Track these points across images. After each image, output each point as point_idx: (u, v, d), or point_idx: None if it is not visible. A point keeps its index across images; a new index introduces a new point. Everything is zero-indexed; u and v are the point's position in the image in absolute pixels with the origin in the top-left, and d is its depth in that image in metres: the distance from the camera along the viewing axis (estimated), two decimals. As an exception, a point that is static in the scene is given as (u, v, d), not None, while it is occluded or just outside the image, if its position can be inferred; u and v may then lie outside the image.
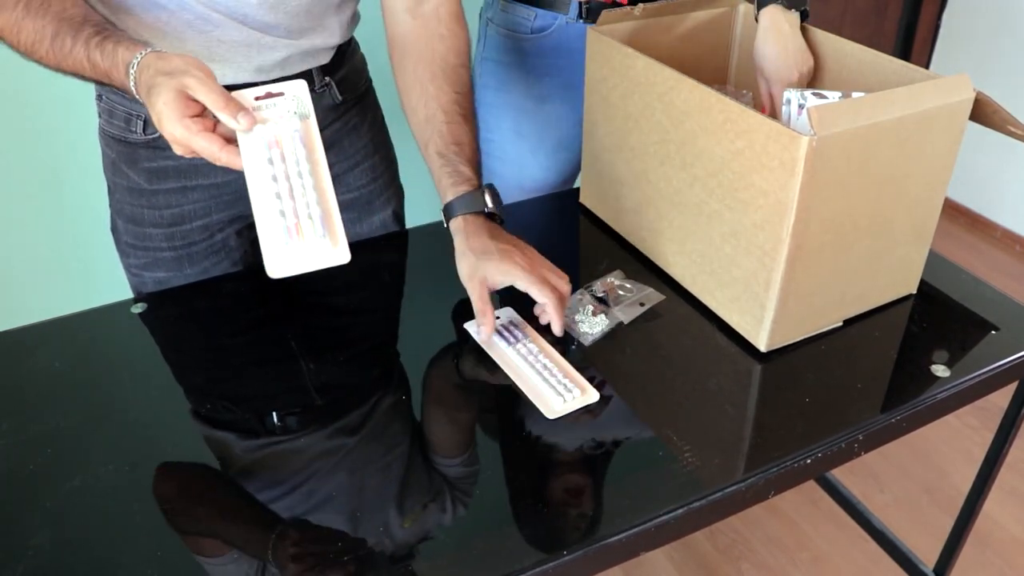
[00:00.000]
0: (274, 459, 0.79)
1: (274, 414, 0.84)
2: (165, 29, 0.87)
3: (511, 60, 1.30)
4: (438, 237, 1.14)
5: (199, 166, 1.00)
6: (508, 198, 1.31)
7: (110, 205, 1.06)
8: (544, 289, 0.87)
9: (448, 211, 0.93)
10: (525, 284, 0.87)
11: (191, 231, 1.04)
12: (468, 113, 0.97)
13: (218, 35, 0.89)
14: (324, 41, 0.98)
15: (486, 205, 0.92)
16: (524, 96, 1.31)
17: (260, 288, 1.05)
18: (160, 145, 0.98)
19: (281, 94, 0.77)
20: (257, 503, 0.75)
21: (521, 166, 1.36)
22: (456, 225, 0.92)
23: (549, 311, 0.89)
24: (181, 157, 0.94)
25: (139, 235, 1.04)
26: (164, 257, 1.04)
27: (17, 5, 0.78)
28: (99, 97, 0.99)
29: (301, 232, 0.72)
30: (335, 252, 0.73)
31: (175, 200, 1.02)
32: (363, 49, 1.14)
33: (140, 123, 0.96)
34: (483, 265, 0.88)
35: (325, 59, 1.01)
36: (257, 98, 0.76)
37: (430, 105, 0.95)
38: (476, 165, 0.95)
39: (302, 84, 0.79)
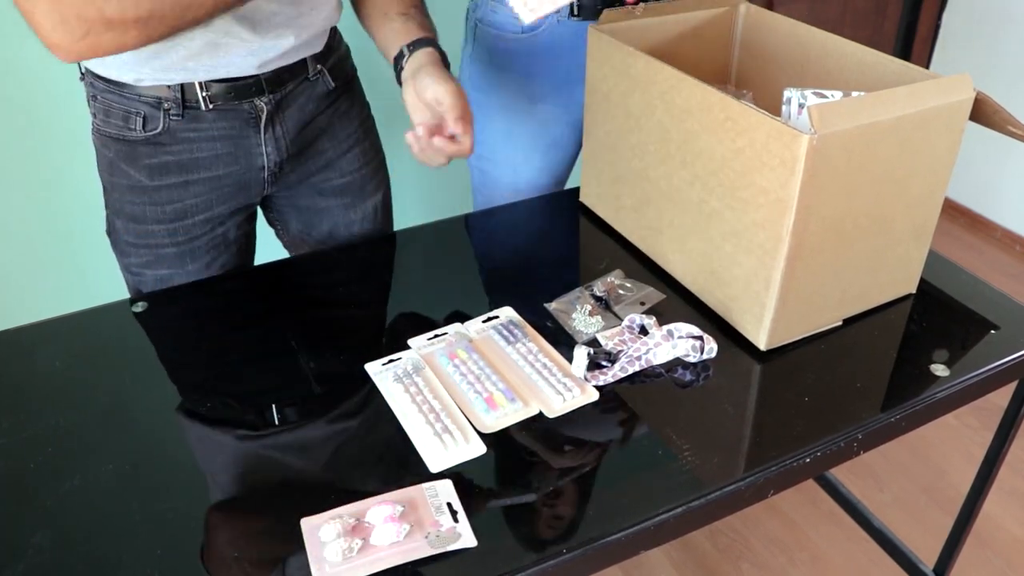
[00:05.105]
0: (274, 456, 0.79)
1: (274, 411, 0.84)
2: None
3: (501, 61, 1.28)
4: (426, 238, 1.16)
5: (200, 159, 1.00)
6: (502, 201, 1.31)
7: (106, 206, 1.06)
8: (464, 127, 0.96)
9: (417, 44, 0.99)
10: (455, 116, 0.94)
11: (193, 225, 1.05)
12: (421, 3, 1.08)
13: (224, 27, 0.90)
14: (321, 25, 1.01)
15: (446, 55, 1.02)
16: (515, 96, 1.30)
17: (258, 286, 1.06)
18: (160, 141, 0.98)
19: None
20: (258, 501, 0.75)
21: (515, 168, 1.34)
22: (425, 53, 0.99)
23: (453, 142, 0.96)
24: (182, 152, 0.93)
25: (141, 233, 1.04)
26: (166, 253, 1.05)
27: None
28: (93, 98, 0.98)
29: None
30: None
31: (177, 195, 1.02)
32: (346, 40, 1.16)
33: (139, 120, 0.96)
34: (443, 84, 0.94)
35: (318, 47, 1.04)
36: None
37: None
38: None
39: None
